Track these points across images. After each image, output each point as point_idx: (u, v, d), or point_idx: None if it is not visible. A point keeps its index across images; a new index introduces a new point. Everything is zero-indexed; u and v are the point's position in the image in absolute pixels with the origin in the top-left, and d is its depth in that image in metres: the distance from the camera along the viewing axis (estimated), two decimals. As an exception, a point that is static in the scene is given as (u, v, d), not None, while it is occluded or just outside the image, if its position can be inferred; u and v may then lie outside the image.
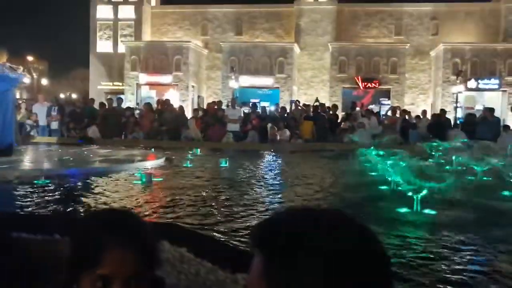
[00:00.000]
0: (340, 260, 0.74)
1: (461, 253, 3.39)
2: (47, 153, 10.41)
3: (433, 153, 9.71)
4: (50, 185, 5.85)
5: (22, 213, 4.34)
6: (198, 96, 35.01)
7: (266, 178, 7.27)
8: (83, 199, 5.16)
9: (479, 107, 28.75)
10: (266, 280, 0.77)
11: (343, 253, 0.74)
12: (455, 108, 27.39)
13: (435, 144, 10.30)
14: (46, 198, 5.05)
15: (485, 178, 7.07)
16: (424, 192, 4.52)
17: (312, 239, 0.75)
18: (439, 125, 14.69)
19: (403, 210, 4.58)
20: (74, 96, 38.08)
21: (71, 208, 4.56)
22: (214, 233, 3.70)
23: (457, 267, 3.08)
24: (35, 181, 5.93)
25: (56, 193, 5.43)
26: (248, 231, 3.77)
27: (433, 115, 17.16)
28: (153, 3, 40.41)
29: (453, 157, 8.32)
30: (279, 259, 0.76)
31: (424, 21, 36.25)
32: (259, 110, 16.73)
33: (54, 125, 15.01)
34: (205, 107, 20.62)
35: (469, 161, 7.48)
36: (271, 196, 5.68)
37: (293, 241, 0.76)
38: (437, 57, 33.67)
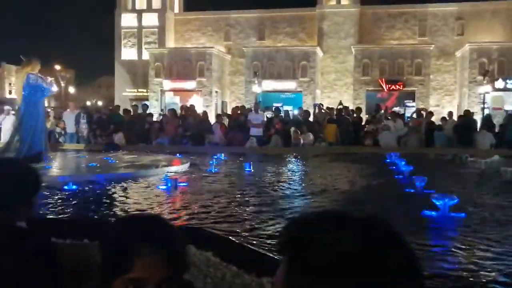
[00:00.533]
0: (364, 270, 0.72)
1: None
2: (74, 160, 10.61)
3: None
4: (77, 191, 5.96)
5: (52, 218, 4.43)
6: (222, 102, 35.18)
7: (291, 182, 7.26)
8: (110, 204, 5.25)
9: (507, 107, 28.16)
10: (286, 283, 0.77)
11: (368, 263, 0.72)
12: (482, 109, 26.92)
13: None
14: (74, 203, 5.15)
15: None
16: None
17: (332, 245, 0.75)
18: (465, 126, 14.44)
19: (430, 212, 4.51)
20: (100, 103, 38.75)
21: (98, 214, 4.64)
22: (240, 238, 3.72)
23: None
24: (64, 187, 6.05)
25: (84, 198, 5.53)
26: (274, 236, 3.77)
27: (459, 117, 16.88)
28: (176, 10, 40.88)
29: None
30: (299, 264, 0.76)
31: (449, 21, 35.74)
32: (282, 114, 16.71)
33: (83, 132, 15.34)
34: (229, 112, 20.73)
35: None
36: (296, 200, 5.67)
37: (313, 246, 0.76)
38: (463, 58, 33.12)
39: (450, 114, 17.29)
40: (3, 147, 8.86)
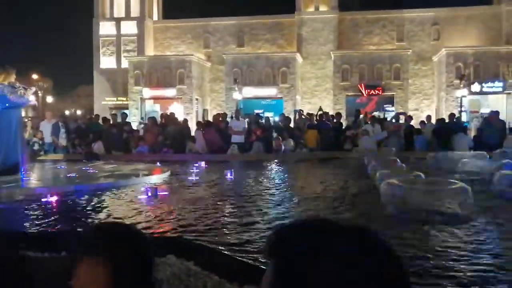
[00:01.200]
0: (351, 276, 0.72)
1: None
2: (53, 170, 10.45)
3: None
4: (56, 203, 5.87)
5: (29, 231, 4.34)
6: (204, 110, 35.08)
7: (272, 189, 7.26)
8: (90, 215, 5.17)
9: (484, 110, 28.69)
10: (273, 286, 0.76)
11: (355, 269, 0.72)
12: (460, 112, 27.35)
13: None
14: (51, 215, 5.06)
15: None
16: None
17: (322, 253, 0.74)
18: (444, 129, 14.65)
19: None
20: (79, 112, 38.31)
21: (78, 226, 4.56)
22: (221, 246, 3.69)
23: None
24: (42, 199, 5.95)
25: (62, 210, 5.44)
26: (255, 244, 3.75)
27: (438, 120, 17.11)
28: (155, 17, 40.73)
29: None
30: (288, 270, 0.75)
31: (425, 26, 36.33)
32: (262, 120, 16.72)
33: (61, 142, 15.11)
34: (209, 119, 20.69)
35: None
36: (278, 207, 5.66)
37: (303, 252, 0.75)
38: (440, 62, 33.68)
39: (429, 118, 17.52)
40: None
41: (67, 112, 42.27)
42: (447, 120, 15.87)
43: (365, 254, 0.75)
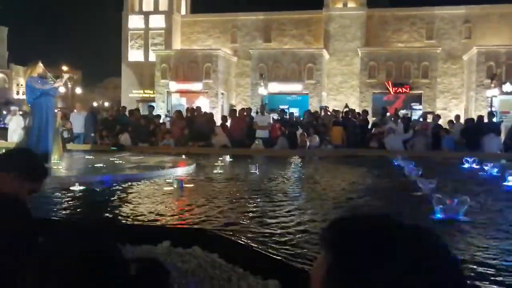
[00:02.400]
0: (413, 281, 0.69)
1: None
2: (81, 160, 10.64)
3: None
4: (84, 192, 5.97)
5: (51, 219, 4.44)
6: (230, 105, 35.10)
7: (297, 185, 7.24)
8: (114, 206, 5.24)
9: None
10: (329, 279, 0.74)
11: (419, 274, 0.70)
12: (491, 112, 26.73)
13: None
14: (79, 204, 5.16)
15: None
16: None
17: (388, 253, 0.71)
18: (473, 130, 14.35)
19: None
20: (106, 104, 38.88)
21: (103, 215, 4.64)
22: (245, 240, 3.70)
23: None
24: (70, 188, 6.07)
25: (89, 199, 5.54)
26: (279, 238, 3.75)
27: (467, 120, 16.75)
28: (183, 12, 40.94)
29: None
30: (348, 265, 0.72)
31: (456, 24, 35.57)
32: (287, 116, 16.67)
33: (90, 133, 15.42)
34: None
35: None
36: (302, 204, 5.65)
37: (367, 249, 0.72)
38: (470, 61, 32.96)
39: (457, 117, 17.15)
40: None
41: (94, 104, 42.93)
42: (476, 120, 15.53)
43: (429, 259, 0.73)
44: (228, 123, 15.58)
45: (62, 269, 0.99)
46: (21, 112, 16.87)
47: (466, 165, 9.61)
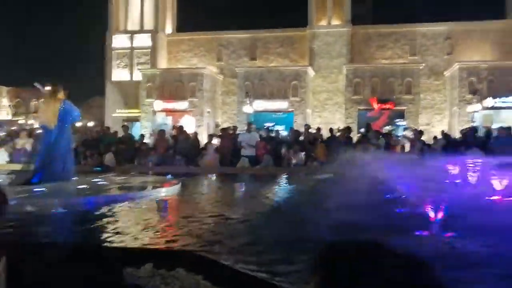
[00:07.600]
0: None
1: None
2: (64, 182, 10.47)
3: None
4: (65, 214, 5.88)
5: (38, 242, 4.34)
6: (216, 124, 35.07)
7: (285, 203, 7.22)
8: (97, 228, 5.16)
9: (497, 125, 28.36)
10: None
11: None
12: (470, 127, 27.06)
13: None
14: (61, 227, 5.07)
15: None
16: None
17: (371, 278, 0.71)
18: (453, 144, 14.51)
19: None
20: (90, 124, 38.59)
21: (86, 238, 4.56)
22: (231, 261, 3.66)
23: None
24: (52, 210, 5.96)
25: (70, 222, 5.45)
26: (265, 258, 3.71)
27: (444, 135, 16.93)
28: (168, 30, 41.04)
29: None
30: (334, 285, 0.73)
31: (438, 41, 36.18)
32: (273, 134, 16.71)
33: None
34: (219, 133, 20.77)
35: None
36: (289, 222, 5.61)
37: (352, 274, 0.72)
38: (452, 77, 33.48)
39: (442, 133, 17.34)
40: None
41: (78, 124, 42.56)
42: (457, 136, 15.73)
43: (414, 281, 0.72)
44: (217, 141, 15.54)
45: None
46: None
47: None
